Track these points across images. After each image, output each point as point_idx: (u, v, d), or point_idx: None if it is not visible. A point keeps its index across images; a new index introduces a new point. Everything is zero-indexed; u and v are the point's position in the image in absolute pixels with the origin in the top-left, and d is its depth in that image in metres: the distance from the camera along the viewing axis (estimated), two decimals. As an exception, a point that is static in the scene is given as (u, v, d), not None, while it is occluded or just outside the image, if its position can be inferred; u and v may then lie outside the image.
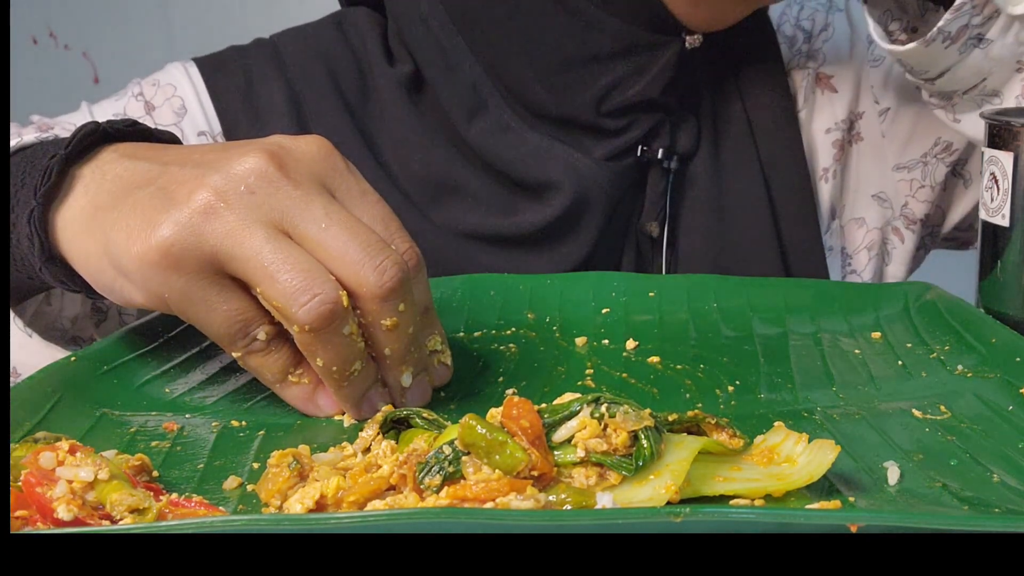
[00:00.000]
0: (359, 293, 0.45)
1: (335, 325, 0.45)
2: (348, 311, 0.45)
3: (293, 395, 0.49)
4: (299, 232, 0.46)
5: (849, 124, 0.83)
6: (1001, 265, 0.60)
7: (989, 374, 0.50)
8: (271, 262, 0.44)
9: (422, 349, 0.50)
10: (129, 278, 0.47)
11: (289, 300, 0.44)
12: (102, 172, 0.50)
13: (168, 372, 0.54)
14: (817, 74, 0.83)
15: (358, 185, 0.48)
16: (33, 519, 0.36)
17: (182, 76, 0.77)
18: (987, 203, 0.61)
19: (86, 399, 0.49)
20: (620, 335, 0.59)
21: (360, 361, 0.47)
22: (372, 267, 0.45)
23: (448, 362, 0.52)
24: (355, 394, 0.48)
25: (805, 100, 0.82)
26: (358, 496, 0.38)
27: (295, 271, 0.44)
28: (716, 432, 0.41)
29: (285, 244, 0.45)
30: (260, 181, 0.46)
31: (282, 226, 0.46)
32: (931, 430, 0.45)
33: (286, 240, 0.45)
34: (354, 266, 0.45)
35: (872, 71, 0.83)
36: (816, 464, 0.39)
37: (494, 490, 0.36)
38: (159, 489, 0.40)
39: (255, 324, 0.47)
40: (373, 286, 0.45)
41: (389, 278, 0.45)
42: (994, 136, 0.60)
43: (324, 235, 0.45)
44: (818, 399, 0.50)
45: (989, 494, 0.39)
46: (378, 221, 0.48)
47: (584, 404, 0.39)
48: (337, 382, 0.47)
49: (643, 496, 0.37)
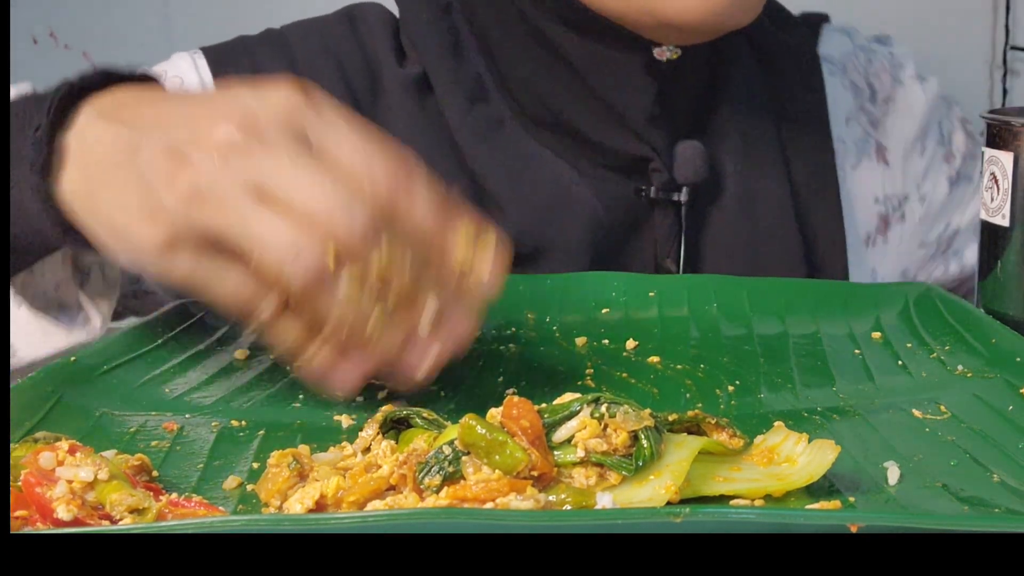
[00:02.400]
0: (339, 242, 0.44)
1: (326, 277, 0.44)
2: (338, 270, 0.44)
3: (315, 365, 0.48)
4: (273, 195, 0.45)
5: (898, 203, 0.83)
6: (1001, 265, 0.60)
7: (989, 374, 0.50)
8: (255, 233, 0.44)
9: (443, 269, 0.47)
10: (141, 260, 0.48)
11: (277, 266, 0.44)
12: (83, 139, 0.50)
13: (168, 372, 0.54)
14: (877, 142, 0.83)
15: (330, 125, 0.47)
16: (33, 519, 0.36)
17: (189, 67, 0.77)
18: (987, 203, 0.61)
19: (86, 399, 0.49)
20: (620, 335, 0.59)
21: (376, 317, 0.46)
22: (341, 212, 0.44)
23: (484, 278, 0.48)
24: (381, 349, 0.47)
25: (858, 158, 0.82)
26: (358, 496, 0.38)
27: (276, 238, 0.44)
28: (716, 432, 0.41)
29: (266, 213, 0.45)
30: (232, 152, 0.45)
31: (260, 192, 0.45)
32: (931, 430, 0.45)
33: (266, 209, 0.45)
34: (325, 216, 0.44)
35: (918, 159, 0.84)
36: (816, 464, 0.39)
37: (494, 490, 0.36)
38: (159, 489, 0.40)
39: (258, 298, 0.47)
40: (346, 230, 0.44)
41: (359, 218, 0.44)
42: (994, 136, 0.60)
43: (295, 193, 0.45)
44: (818, 399, 0.50)
45: (989, 494, 0.39)
46: (355, 154, 0.46)
47: (584, 404, 0.39)
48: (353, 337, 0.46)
49: (643, 496, 0.37)
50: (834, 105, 0.82)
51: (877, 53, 0.86)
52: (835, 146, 0.81)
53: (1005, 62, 1.25)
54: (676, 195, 0.72)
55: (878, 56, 0.85)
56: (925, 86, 0.86)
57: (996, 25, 1.24)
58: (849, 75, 0.83)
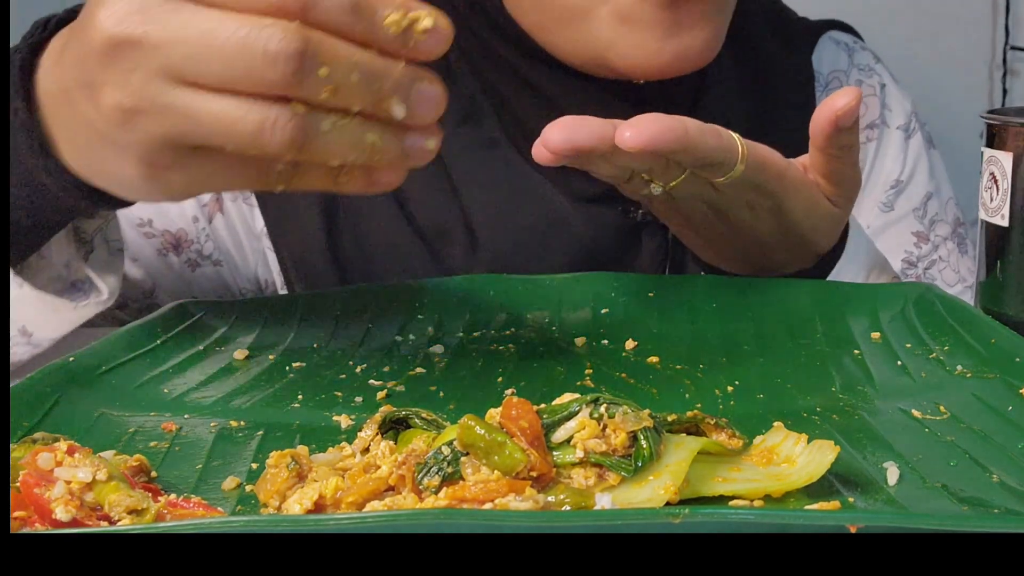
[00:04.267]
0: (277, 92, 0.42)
1: (312, 132, 0.43)
2: (313, 112, 0.42)
3: (355, 188, 0.47)
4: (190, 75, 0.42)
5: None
6: (1001, 265, 0.60)
7: (989, 374, 0.50)
8: (209, 124, 0.42)
9: (389, 72, 0.44)
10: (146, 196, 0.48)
11: (257, 145, 0.42)
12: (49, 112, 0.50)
13: (167, 372, 0.54)
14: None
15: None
16: (31, 520, 0.36)
17: None
18: (987, 203, 0.61)
19: (84, 399, 0.49)
20: (619, 335, 0.59)
21: (370, 133, 0.44)
22: (260, 64, 0.41)
23: (429, 23, 0.44)
24: (394, 155, 0.45)
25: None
26: (357, 497, 0.38)
27: (233, 118, 0.42)
28: (715, 432, 0.41)
29: (203, 97, 0.42)
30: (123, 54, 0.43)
31: (178, 78, 0.42)
32: (931, 430, 0.45)
33: (198, 93, 0.42)
34: (247, 76, 0.41)
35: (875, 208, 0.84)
36: (815, 464, 0.39)
37: (493, 491, 0.36)
38: (157, 489, 0.40)
39: (264, 162, 0.45)
40: (277, 80, 0.41)
41: (283, 62, 0.41)
42: (993, 136, 0.60)
43: (206, 64, 0.42)
44: (818, 399, 0.50)
45: (989, 494, 0.38)
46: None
47: (583, 405, 0.39)
48: (369, 161, 0.45)
49: (642, 497, 0.37)
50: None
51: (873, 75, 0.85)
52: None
53: (1005, 62, 1.25)
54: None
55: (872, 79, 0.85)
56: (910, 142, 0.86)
57: (996, 25, 1.24)
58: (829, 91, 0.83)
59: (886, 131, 0.85)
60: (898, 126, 0.86)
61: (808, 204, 0.60)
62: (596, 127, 0.51)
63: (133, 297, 0.77)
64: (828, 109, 0.57)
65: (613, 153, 0.52)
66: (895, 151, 0.85)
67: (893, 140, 0.85)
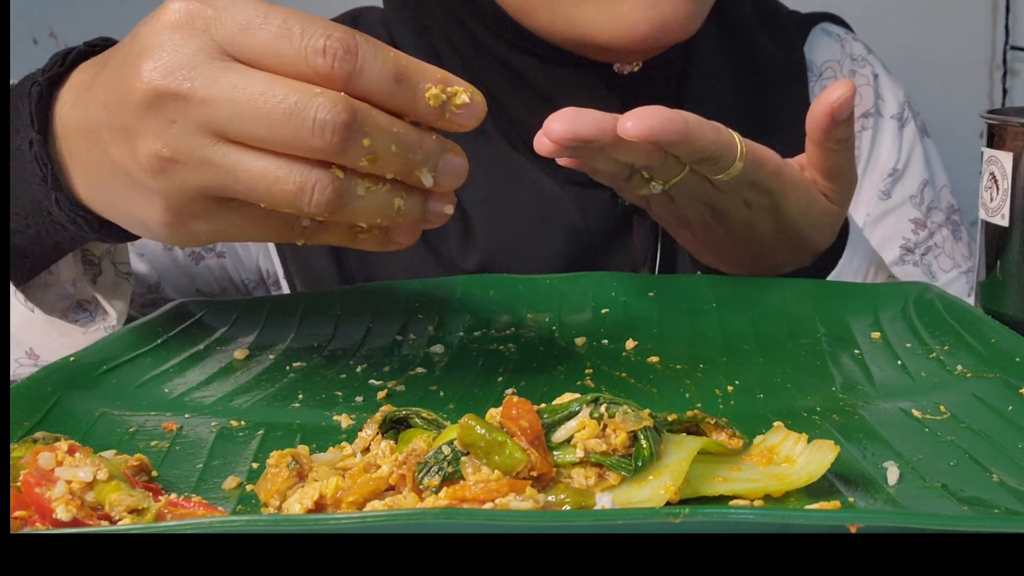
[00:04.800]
0: (321, 158, 0.43)
1: (347, 196, 0.44)
2: (350, 177, 0.44)
3: (372, 246, 0.48)
4: (234, 133, 0.43)
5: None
6: (1001, 265, 0.60)
7: (989, 374, 0.50)
8: (249, 181, 0.43)
9: (423, 144, 0.45)
10: (165, 239, 0.48)
11: (294, 204, 0.44)
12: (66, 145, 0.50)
13: (167, 372, 0.54)
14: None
15: (236, 21, 0.43)
16: (32, 519, 0.36)
17: None
18: (986, 203, 0.61)
19: (85, 399, 0.49)
20: (620, 335, 0.59)
21: (398, 199, 0.45)
22: (308, 132, 0.42)
23: (467, 98, 0.46)
24: (415, 218, 0.46)
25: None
26: (357, 496, 0.38)
27: (275, 178, 0.43)
28: (715, 432, 0.41)
29: (245, 156, 0.43)
30: (165, 106, 0.43)
31: (220, 135, 0.43)
32: (931, 430, 0.45)
33: (241, 150, 0.43)
34: (295, 141, 0.42)
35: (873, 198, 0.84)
36: (816, 464, 0.39)
37: (493, 490, 0.36)
38: (158, 489, 0.40)
39: (292, 218, 0.46)
40: (323, 148, 0.42)
41: (331, 132, 0.42)
42: (993, 136, 0.60)
43: (252, 126, 0.43)
44: (818, 399, 0.50)
45: (989, 494, 0.39)
46: (281, 42, 0.43)
47: (583, 404, 0.39)
48: (392, 223, 0.46)
49: (642, 496, 0.37)
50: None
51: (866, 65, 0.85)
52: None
53: (1005, 62, 1.25)
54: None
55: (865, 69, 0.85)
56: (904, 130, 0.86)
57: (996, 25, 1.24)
58: (823, 83, 0.83)
59: (881, 120, 0.86)
60: (892, 115, 0.86)
61: (805, 201, 0.60)
62: (598, 117, 0.51)
63: (139, 291, 0.77)
64: (824, 102, 0.57)
65: (614, 145, 0.52)
66: (890, 140, 0.85)
67: (888, 129, 0.86)
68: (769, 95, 0.80)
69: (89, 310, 0.62)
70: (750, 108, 0.79)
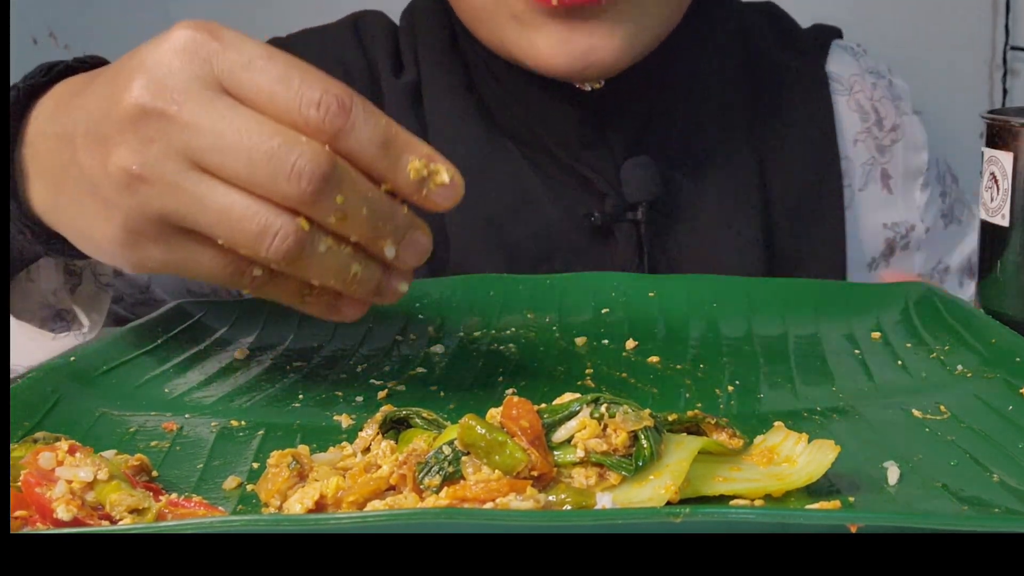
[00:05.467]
0: (291, 206, 0.43)
1: (308, 250, 0.44)
2: (315, 231, 0.44)
3: (316, 311, 0.48)
4: (210, 164, 0.43)
5: (905, 231, 0.83)
6: (1001, 265, 0.60)
7: (989, 374, 0.50)
8: (213, 214, 0.43)
9: (394, 215, 0.45)
10: (113, 259, 0.47)
11: (252, 246, 0.43)
12: (35, 150, 0.49)
13: (167, 372, 0.54)
14: (883, 169, 0.82)
15: (239, 58, 0.44)
16: (32, 519, 0.36)
17: None
18: (987, 203, 0.61)
19: (86, 399, 0.49)
20: (620, 335, 0.59)
21: (355, 264, 0.45)
22: (285, 177, 0.42)
23: (447, 178, 0.46)
24: (368, 289, 0.46)
25: (864, 181, 0.82)
26: (357, 496, 0.38)
27: (240, 215, 0.43)
28: (716, 432, 0.41)
29: (215, 188, 0.43)
30: (148, 124, 0.43)
31: (196, 163, 0.43)
32: (931, 430, 0.45)
33: (212, 181, 0.43)
34: (270, 183, 0.42)
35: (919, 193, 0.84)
36: (816, 464, 0.39)
37: (494, 490, 0.36)
38: (158, 489, 0.40)
39: (243, 264, 0.45)
40: (296, 196, 0.42)
41: (307, 181, 0.42)
42: (994, 136, 0.60)
43: (231, 160, 0.42)
44: (818, 399, 0.50)
45: (989, 494, 0.39)
46: (279, 87, 0.43)
47: (584, 404, 0.39)
48: (345, 289, 0.46)
49: (643, 496, 0.37)
50: (842, 124, 0.82)
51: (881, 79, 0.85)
52: (843, 165, 0.81)
53: (1005, 62, 1.25)
54: (631, 214, 0.72)
55: (881, 83, 0.85)
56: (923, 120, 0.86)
57: (996, 25, 1.24)
58: (855, 96, 0.83)
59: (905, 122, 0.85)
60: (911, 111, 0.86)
61: None
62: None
63: (128, 292, 0.77)
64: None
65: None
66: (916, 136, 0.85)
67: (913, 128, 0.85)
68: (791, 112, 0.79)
69: (67, 320, 0.62)
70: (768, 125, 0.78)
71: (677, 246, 0.74)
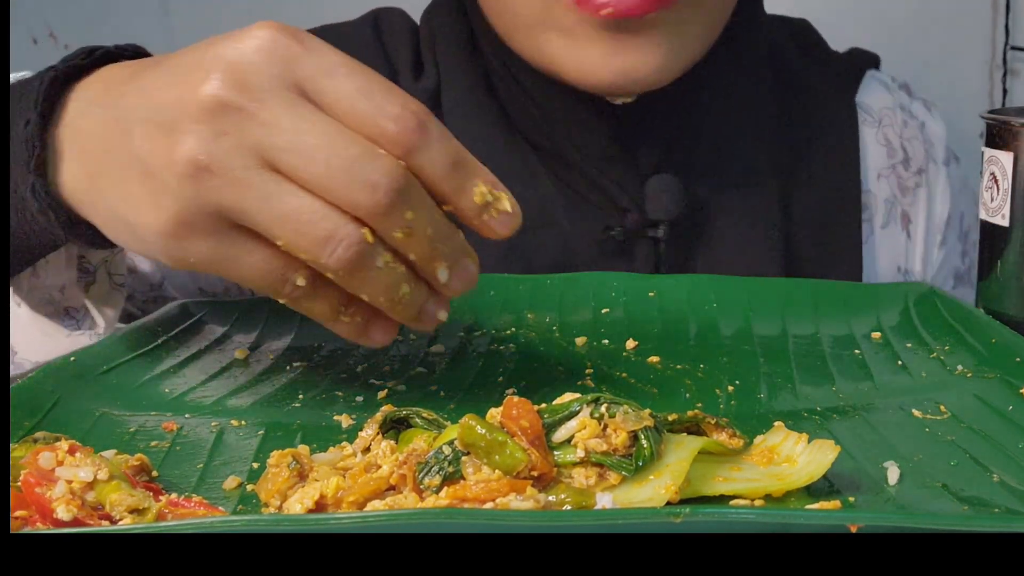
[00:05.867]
0: (360, 216, 0.43)
1: (367, 262, 0.44)
2: (376, 244, 0.44)
3: (343, 331, 0.48)
4: (284, 164, 0.43)
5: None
6: (1001, 265, 0.60)
7: (989, 374, 0.50)
8: (280, 214, 0.43)
9: (452, 238, 0.46)
10: (152, 250, 0.46)
11: (315, 251, 0.43)
12: (75, 129, 0.48)
13: (167, 372, 0.54)
14: (904, 210, 0.81)
15: (321, 63, 0.44)
16: (32, 519, 0.36)
17: None
18: (987, 203, 0.61)
19: (86, 399, 0.49)
20: (620, 335, 0.59)
21: (406, 284, 0.45)
22: (360, 186, 0.42)
23: (508, 207, 0.46)
24: (411, 312, 0.46)
25: (886, 219, 0.80)
26: (358, 496, 0.38)
27: (308, 219, 0.43)
28: (716, 432, 0.41)
29: (285, 188, 0.43)
30: (225, 118, 0.43)
31: (268, 161, 0.43)
32: (931, 430, 0.45)
33: (282, 182, 0.43)
34: (344, 191, 0.42)
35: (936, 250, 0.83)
36: (816, 464, 0.39)
37: (494, 490, 0.36)
38: (158, 489, 0.40)
39: (290, 270, 0.45)
40: (369, 207, 0.42)
41: (382, 194, 0.42)
42: (993, 136, 0.60)
43: (307, 162, 0.42)
44: (818, 399, 0.50)
45: (989, 494, 0.39)
46: (359, 97, 0.43)
47: (584, 404, 0.39)
48: (390, 308, 0.46)
49: (643, 496, 0.37)
50: (867, 157, 0.80)
51: (913, 119, 0.83)
52: (867, 199, 0.79)
53: (1005, 62, 1.25)
54: (653, 231, 0.71)
55: (913, 123, 0.83)
56: (952, 171, 0.84)
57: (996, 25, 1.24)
58: (883, 130, 0.81)
59: (932, 171, 0.83)
60: (942, 160, 0.84)
61: None
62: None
63: (140, 289, 0.77)
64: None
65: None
66: (942, 189, 0.83)
67: (940, 177, 0.83)
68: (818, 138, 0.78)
69: (76, 317, 0.61)
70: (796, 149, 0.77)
71: (694, 267, 0.73)
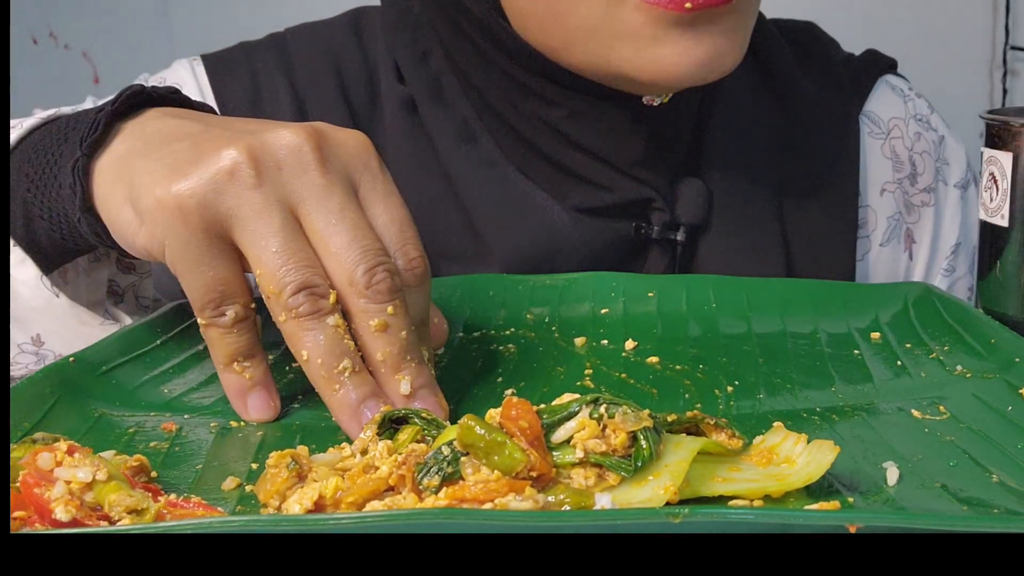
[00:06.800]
0: (346, 291, 0.46)
1: (319, 313, 0.46)
2: (335, 305, 0.46)
3: (229, 383, 0.49)
4: (310, 222, 0.47)
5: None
6: (1000, 265, 0.60)
7: (989, 374, 0.50)
8: (276, 251, 0.46)
9: (423, 363, 0.48)
10: (142, 218, 0.48)
11: (280, 288, 0.45)
12: (143, 126, 0.51)
13: (166, 372, 0.54)
14: (908, 229, 0.80)
15: (384, 186, 0.49)
16: (31, 520, 0.36)
17: (188, 74, 0.76)
18: (986, 203, 0.61)
19: (84, 399, 0.49)
20: (619, 335, 0.59)
21: (348, 360, 0.46)
22: (364, 269, 0.46)
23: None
24: (348, 401, 0.46)
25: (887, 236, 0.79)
26: (357, 497, 0.38)
27: (293, 263, 0.46)
28: (715, 432, 0.41)
29: (293, 235, 0.46)
30: (291, 158, 0.47)
31: (297, 211, 0.47)
32: (931, 430, 0.45)
33: (296, 230, 0.46)
34: (348, 265, 0.46)
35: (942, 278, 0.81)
36: (815, 464, 0.39)
37: (493, 491, 0.36)
38: (157, 490, 0.40)
39: (230, 300, 0.48)
40: (360, 286, 0.46)
41: (377, 281, 0.46)
42: (993, 136, 0.60)
43: (331, 231, 0.46)
44: (818, 399, 0.50)
45: (989, 494, 0.39)
46: (394, 225, 0.48)
47: (583, 405, 0.39)
48: (327, 382, 0.46)
49: (642, 497, 0.37)
50: (869, 171, 0.79)
51: (928, 131, 0.81)
52: (865, 215, 0.78)
53: (1005, 62, 1.25)
54: (673, 234, 0.71)
55: (928, 136, 0.81)
56: (970, 195, 0.82)
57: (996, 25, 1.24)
58: (891, 142, 0.79)
59: (943, 191, 0.81)
60: (956, 183, 0.81)
61: None
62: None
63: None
64: None
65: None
66: (952, 212, 0.81)
67: (951, 200, 0.81)
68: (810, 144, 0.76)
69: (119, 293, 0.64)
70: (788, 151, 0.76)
71: (703, 271, 0.72)
